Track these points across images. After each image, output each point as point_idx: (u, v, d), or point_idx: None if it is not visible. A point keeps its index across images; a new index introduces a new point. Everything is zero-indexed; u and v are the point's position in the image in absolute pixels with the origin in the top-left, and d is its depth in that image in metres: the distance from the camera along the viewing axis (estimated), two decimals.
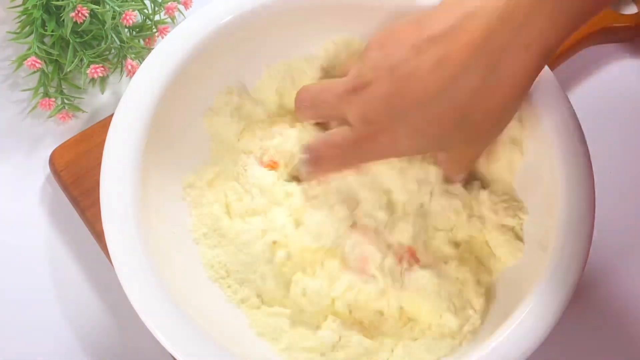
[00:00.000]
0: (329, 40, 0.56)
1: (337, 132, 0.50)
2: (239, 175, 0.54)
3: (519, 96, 0.44)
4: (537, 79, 0.52)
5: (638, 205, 0.59)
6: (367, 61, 0.47)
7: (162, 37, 0.61)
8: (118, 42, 0.59)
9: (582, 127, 0.51)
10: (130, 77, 0.55)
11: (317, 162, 0.51)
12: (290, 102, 0.55)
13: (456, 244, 0.52)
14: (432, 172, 0.52)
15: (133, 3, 0.59)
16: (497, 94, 0.43)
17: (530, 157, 0.53)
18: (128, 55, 0.59)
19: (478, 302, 0.50)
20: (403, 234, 0.51)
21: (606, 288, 0.56)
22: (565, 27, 0.40)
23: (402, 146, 0.47)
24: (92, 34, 0.59)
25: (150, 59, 0.51)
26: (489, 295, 0.51)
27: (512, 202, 0.53)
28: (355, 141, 0.48)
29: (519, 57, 0.41)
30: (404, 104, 0.45)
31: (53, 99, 0.59)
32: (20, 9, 0.60)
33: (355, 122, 0.48)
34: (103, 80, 0.62)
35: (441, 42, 0.43)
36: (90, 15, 0.57)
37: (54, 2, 0.58)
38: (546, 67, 0.53)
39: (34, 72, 0.59)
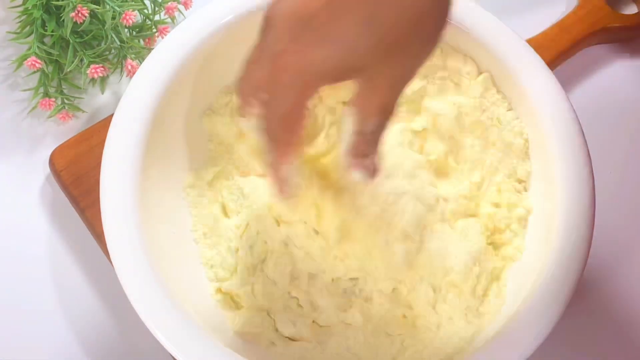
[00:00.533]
0: None
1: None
2: (235, 174, 0.54)
3: None
4: (536, 78, 0.52)
5: (638, 205, 0.59)
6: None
7: (162, 37, 0.61)
8: (118, 42, 0.59)
9: (582, 126, 0.51)
10: (130, 77, 0.55)
11: (267, 132, 0.41)
12: None
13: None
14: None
15: (133, 3, 0.59)
16: None
17: (530, 157, 0.53)
18: (128, 55, 0.59)
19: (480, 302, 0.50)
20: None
21: (606, 288, 0.56)
22: None
23: (316, 60, 0.39)
24: (92, 34, 0.59)
25: (150, 59, 0.51)
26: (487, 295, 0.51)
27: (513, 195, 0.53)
28: (270, 72, 0.39)
29: None
30: (310, 9, 0.38)
31: (53, 99, 0.59)
32: (21, 9, 0.60)
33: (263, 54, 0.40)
34: (103, 80, 0.62)
35: None
36: (90, 15, 0.57)
37: (54, 2, 0.58)
38: (546, 67, 0.53)
39: (34, 72, 0.59)
